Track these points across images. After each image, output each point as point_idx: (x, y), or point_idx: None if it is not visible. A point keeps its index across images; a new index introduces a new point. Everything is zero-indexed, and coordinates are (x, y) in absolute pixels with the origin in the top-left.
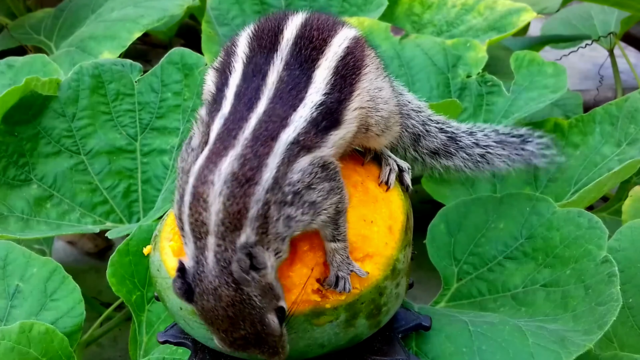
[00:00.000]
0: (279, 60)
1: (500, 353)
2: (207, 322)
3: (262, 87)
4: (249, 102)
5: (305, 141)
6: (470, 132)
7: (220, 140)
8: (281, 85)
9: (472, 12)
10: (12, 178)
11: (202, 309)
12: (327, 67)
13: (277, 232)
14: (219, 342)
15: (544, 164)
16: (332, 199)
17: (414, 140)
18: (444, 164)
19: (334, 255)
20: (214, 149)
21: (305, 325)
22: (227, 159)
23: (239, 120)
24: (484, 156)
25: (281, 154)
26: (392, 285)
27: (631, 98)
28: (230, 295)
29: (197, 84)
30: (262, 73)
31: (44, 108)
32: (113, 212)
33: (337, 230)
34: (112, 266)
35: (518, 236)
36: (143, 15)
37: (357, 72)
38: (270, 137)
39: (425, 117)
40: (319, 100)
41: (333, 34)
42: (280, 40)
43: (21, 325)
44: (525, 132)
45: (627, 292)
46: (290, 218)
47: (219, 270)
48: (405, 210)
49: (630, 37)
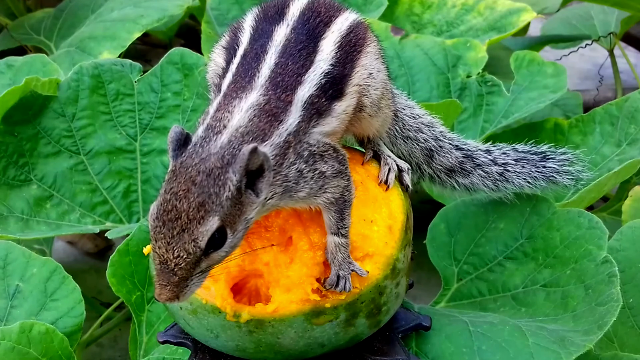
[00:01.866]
0: (286, 25)
1: (500, 353)
2: (169, 180)
3: (268, 43)
4: (256, 56)
5: (318, 105)
6: (487, 150)
7: (234, 83)
8: (289, 44)
9: (472, 12)
10: (12, 178)
11: (180, 165)
12: (333, 40)
13: (286, 178)
14: (155, 205)
15: (569, 181)
16: (339, 181)
17: (427, 155)
18: (461, 182)
19: (336, 253)
20: (228, 91)
21: (305, 325)
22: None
23: (249, 70)
24: (503, 174)
25: (300, 110)
26: (392, 285)
27: (631, 98)
28: (209, 167)
29: (196, 84)
30: (268, 34)
31: (43, 108)
32: (113, 212)
33: (342, 222)
34: (112, 266)
35: (518, 236)
36: (143, 15)
37: (359, 49)
38: (289, 88)
39: (438, 132)
40: (327, 69)
41: (338, 13)
42: (287, 12)
43: (21, 325)
44: (547, 149)
45: (628, 293)
46: (301, 174)
47: (221, 147)
48: (405, 209)
49: (630, 37)
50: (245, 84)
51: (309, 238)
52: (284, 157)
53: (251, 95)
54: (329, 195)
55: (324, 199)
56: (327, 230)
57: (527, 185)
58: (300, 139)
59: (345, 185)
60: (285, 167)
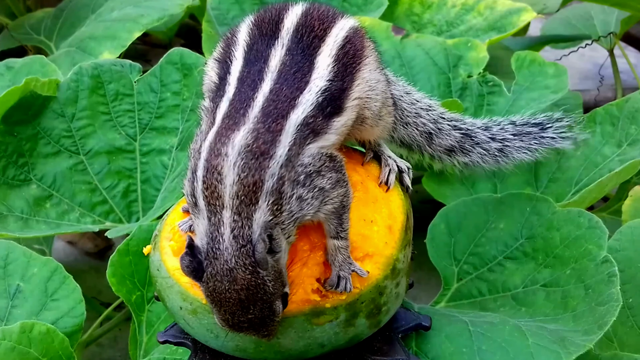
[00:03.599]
0: (281, 46)
1: (500, 353)
2: (214, 302)
3: (265, 69)
4: (253, 83)
5: (313, 125)
6: (486, 127)
7: (228, 118)
8: (284, 68)
9: (472, 12)
10: (12, 178)
11: (213, 289)
12: (329, 54)
13: (291, 211)
14: (221, 321)
15: (569, 146)
16: (339, 189)
17: (426, 138)
18: (461, 160)
19: (336, 255)
20: (224, 125)
21: (305, 325)
22: (240, 133)
23: (245, 100)
24: (502, 150)
25: (292, 133)
26: (392, 285)
27: (632, 98)
28: (247, 278)
29: (196, 84)
30: (264, 57)
31: (43, 108)
32: (112, 212)
33: (341, 226)
34: (112, 266)
35: (518, 236)
36: (143, 15)
37: (357, 61)
38: (280, 116)
39: (437, 115)
40: (323, 85)
41: (332, 24)
42: (281, 28)
43: (22, 325)
44: (544, 119)
45: (627, 292)
46: (302, 199)
47: (237, 249)
48: (405, 209)
49: (630, 37)
50: (238, 118)
51: (309, 238)
52: (281, 197)
53: (239, 136)
54: (329, 207)
55: (324, 211)
56: (326, 234)
57: (527, 157)
58: (294, 164)
59: (344, 192)
60: (286, 204)
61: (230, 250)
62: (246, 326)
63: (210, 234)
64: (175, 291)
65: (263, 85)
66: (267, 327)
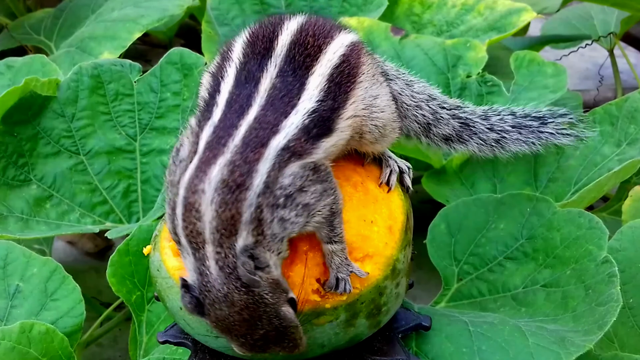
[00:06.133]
0: (273, 66)
1: (500, 353)
2: (223, 331)
3: (254, 94)
4: (240, 109)
5: (295, 147)
6: (486, 116)
7: (209, 149)
8: (273, 92)
9: (472, 12)
10: (12, 178)
11: (217, 318)
12: (321, 74)
13: (274, 233)
14: (240, 348)
15: (568, 143)
16: (325, 200)
17: (424, 129)
18: (458, 148)
19: (332, 258)
20: (204, 157)
21: (305, 325)
22: (216, 167)
23: (229, 128)
24: (499, 141)
25: (271, 159)
26: (392, 285)
27: (631, 98)
28: (242, 298)
29: (196, 84)
30: (255, 80)
31: (43, 108)
32: (112, 212)
33: (333, 231)
34: (112, 266)
35: (518, 236)
36: (143, 15)
37: (352, 80)
38: (260, 144)
39: (437, 105)
40: (311, 107)
41: (329, 40)
42: (275, 46)
43: (21, 325)
44: (546, 112)
45: (628, 293)
46: (284, 220)
47: (225, 277)
48: (405, 210)
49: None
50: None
51: (308, 239)
52: (261, 223)
53: (215, 171)
54: (317, 218)
55: (313, 224)
56: (320, 240)
57: (524, 150)
58: (272, 189)
59: (332, 201)
60: (267, 229)
61: (220, 280)
62: (264, 343)
63: (198, 269)
64: (175, 291)
65: (250, 111)
66: (289, 338)
